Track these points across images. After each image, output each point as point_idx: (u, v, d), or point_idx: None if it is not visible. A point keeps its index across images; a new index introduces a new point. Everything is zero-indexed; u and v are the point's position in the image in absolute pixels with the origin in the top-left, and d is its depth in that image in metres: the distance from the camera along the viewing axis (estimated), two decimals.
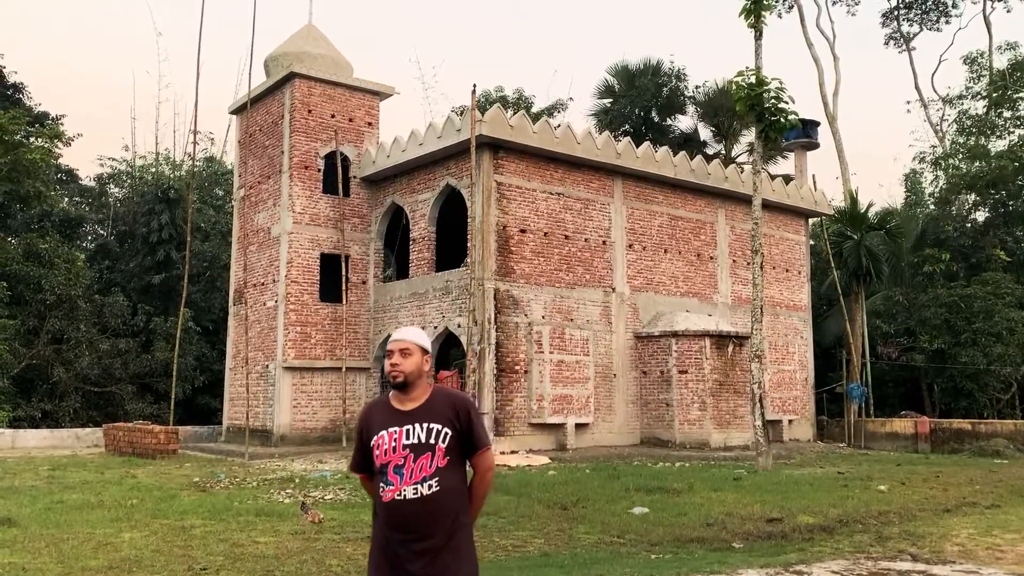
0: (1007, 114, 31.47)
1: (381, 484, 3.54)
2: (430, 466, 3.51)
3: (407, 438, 3.54)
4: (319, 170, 21.13)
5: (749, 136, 30.87)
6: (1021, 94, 31.33)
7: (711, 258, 22.64)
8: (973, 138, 31.27)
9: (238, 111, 23.62)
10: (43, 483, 12.90)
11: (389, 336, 3.53)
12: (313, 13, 26.16)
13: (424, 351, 3.72)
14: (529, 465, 15.69)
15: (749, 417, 18.40)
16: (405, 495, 3.48)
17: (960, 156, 30.83)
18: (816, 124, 30.40)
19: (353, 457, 3.80)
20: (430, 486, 3.50)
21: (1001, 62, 34.48)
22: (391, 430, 3.56)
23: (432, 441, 3.54)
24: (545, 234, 19.31)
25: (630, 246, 20.91)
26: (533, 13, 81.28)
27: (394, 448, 3.53)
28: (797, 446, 21.47)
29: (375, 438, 3.58)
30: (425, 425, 3.56)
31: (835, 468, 15.82)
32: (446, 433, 3.56)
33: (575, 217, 19.91)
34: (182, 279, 21.77)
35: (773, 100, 15.79)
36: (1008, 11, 39.41)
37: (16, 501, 10.76)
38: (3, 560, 7.26)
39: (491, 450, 3.69)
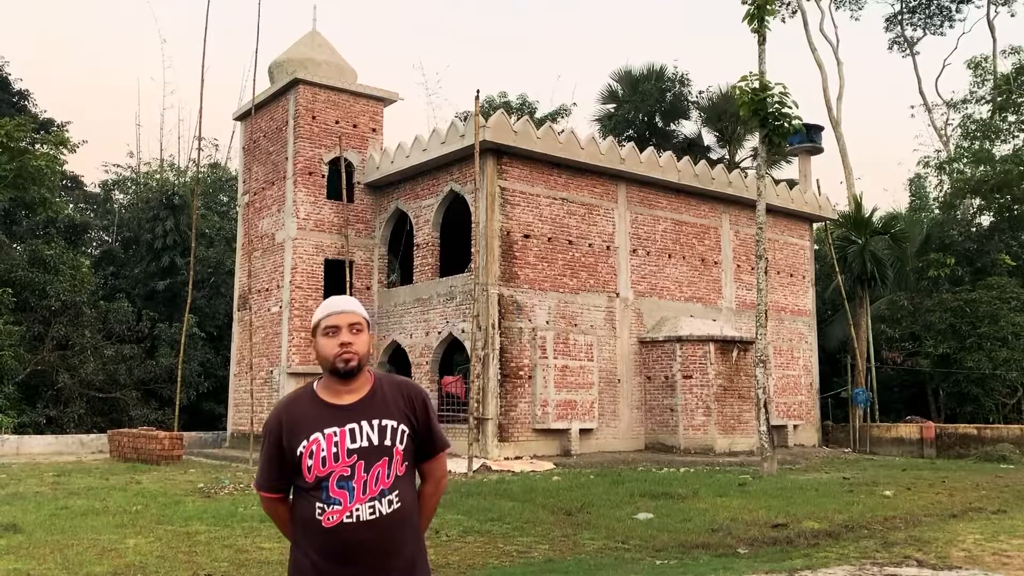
0: (1012, 118, 31.42)
1: (318, 504, 2.71)
2: (388, 475, 2.74)
3: (352, 440, 2.73)
4: (323, 176, 21.17)
5: (753, 141, 30.88)
6: None
7: (715, 263, 22.62)
8: (978, 142, 31.23)
9: (242, 117, 23.68)
10: (48, 489, 12.91)
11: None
12: (317, 20, 26.23)
13: (370, 326, 2.95)
14: (533, 471, 15.68)
15: (754, 422, 18.36)
16: (359, 516, 2.69)
17: (965, 160, 30.79)
18: (820, 129, 30.40)
19: (261, 471, 2.88)
20: (390, 502, 2.74)
21: (1005, 66, 34.45)
22: (328, 431, 2.74)
23: (388, 443, 2.76)
24: (549, 239, 19.32)
25: (634, 251, 20.90)
26: (536, 19, 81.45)
27: (336, 455, 2.72)
28: (802, 451, 21.41)
29: (305, 443, 2.73)
30: (376, 422, 2.77)
31: (840, 473, 15.78)
32: (403, 431, 2.80)
33: (579, 222, 19.91)
34: (186, 285, 21.81)
35: (777, 105, 15.80)
36: (1012, 15, 39.43)
37: (21, 507, 10.77)
38: (8, 566, 7.27)
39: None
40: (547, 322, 18.93)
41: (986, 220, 30.80)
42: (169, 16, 64.16)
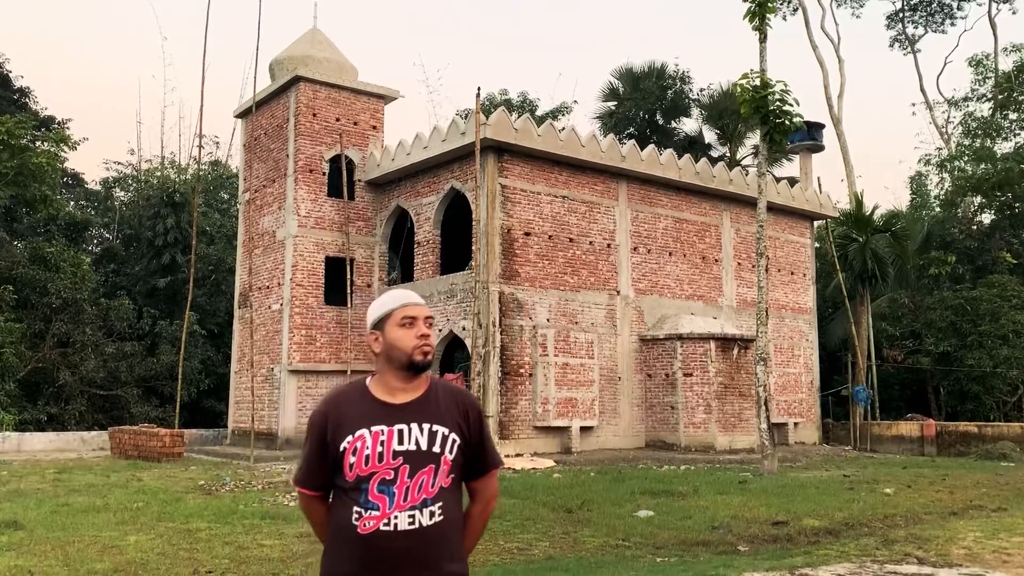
0: (1013, 116, 31.40)
1: (355, 507, 2.55)
2: (432, 485, 2.57)
3: (399, 442, 2.57)
4: (324, 173, 21.17)
5: (754, 139, 30.85)
6: None
7: (716, 261, 22.62)
8: (979, 140, 31.22)
9: (243, 115, 23.67)
10: (49, 486, 12.93)
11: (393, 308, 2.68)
12: (318, 17, 26.22)
13: None
14: (534, 468, 15.68)
15: (754, 420, 18.36)
16: (396, 524, 2.52)
17: (966, 158, 30.78)
18: (821, 126, 30.37)
19: (302, 465, 2.71)
20: (432, 514, 2.56)
21: (1007, 64, 34.46)
22: (376, 429, 2.57)
23: (437, 450, 2.60)
24: (550, 237, 19.32)
25: (635, 249, 20.90)
26: (537, 17, 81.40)
27: (380, 455, 2.55)
28: (803, 449, 21.42)
29: (350, 439, 2.57)
30: (427, 427, 2.61)
31: (841, 471, 15.78)
32: (454, 441, 2.63)
33: (580, 220, 19.91)
34: (187, 282, 21.82)
35: (778, 103, 15.77)
36: (1013, 13, 39.43)
37: (22, 504, 10.79)
38: (9, 563, 7.28)
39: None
40: (548, 320, 18.93)
41: (987, 218, 30.81)
42: (170, 14, 64.18)
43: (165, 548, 8.04)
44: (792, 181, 27.01)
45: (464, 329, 18.63)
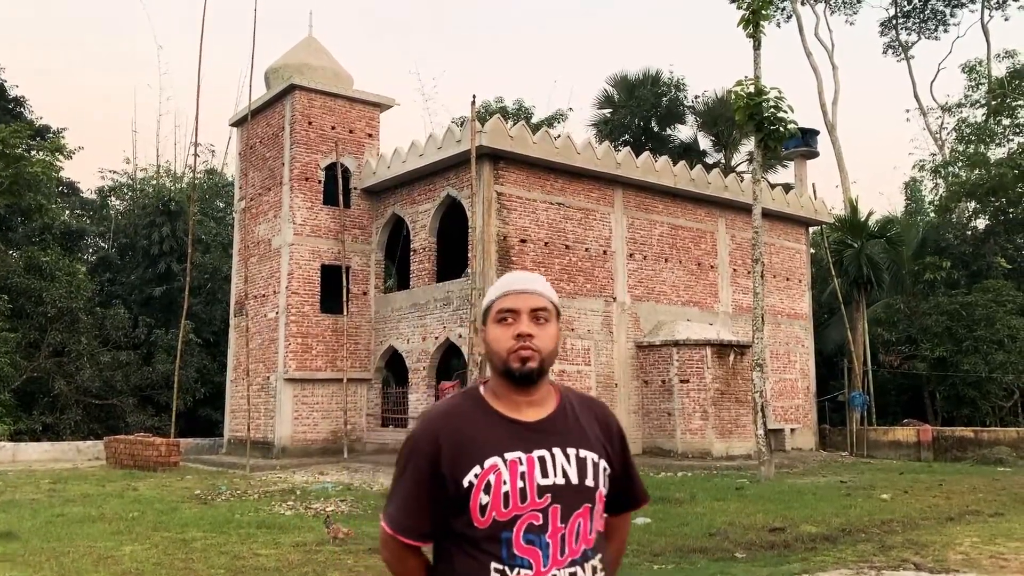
0: (1006, 122, 31.55)
1: (493, 564, 1.90)
2: (590, 530, 1.96)
3: (543, 474, 1.93)
4: (320, 181, 21.17)
5: (749, 145, 30.87)
6: (1020, 102, 31.41)
7: (712, 267, 22.64)
8: (972, 146, 31.33)
9: (239, 123, 23.68)
10: (44, 496, 12.88)
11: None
12: (313, 26, 26.30)
13: (559, 314, 2.13)
14: None
15: (751, 426, 18.36)
16: None
17: (960, 164, 30.90)
18: (816, 133, 30.48)
19: (401, 506, 1.99)
20: (594, 569, 1.95)
21: (999, 70, 34.63)
22: (511, 457, 1.93)
23: (590, 482, 1.97)
24: (546, 244, 19.33)
25: (631, 255, 20.91)
26: (533, 24, 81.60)
27: (523, 493, 1.91)
28: (799, 455, 21.42)
29: (478, 470, 1.92)
30: (572, 452, 1.98)
31: (837, 477, 15.79)
32: (604, 470, 2.02)
33: (576, 227, 19.92)
34: (183, 291, 21.79)
35: (772, 109, 15.83)
36: (1006, 19, 39.70)
37: (17, 515, 10.74)
38: (5, 574, 7.25)
39: None
40: None
41: (981, 223, 30.89)
42: (165, 23, 64.25)
43: (161, 558, 8.01)
44: (787, 187, 27.08)
45: (461, 336, 18.61)
